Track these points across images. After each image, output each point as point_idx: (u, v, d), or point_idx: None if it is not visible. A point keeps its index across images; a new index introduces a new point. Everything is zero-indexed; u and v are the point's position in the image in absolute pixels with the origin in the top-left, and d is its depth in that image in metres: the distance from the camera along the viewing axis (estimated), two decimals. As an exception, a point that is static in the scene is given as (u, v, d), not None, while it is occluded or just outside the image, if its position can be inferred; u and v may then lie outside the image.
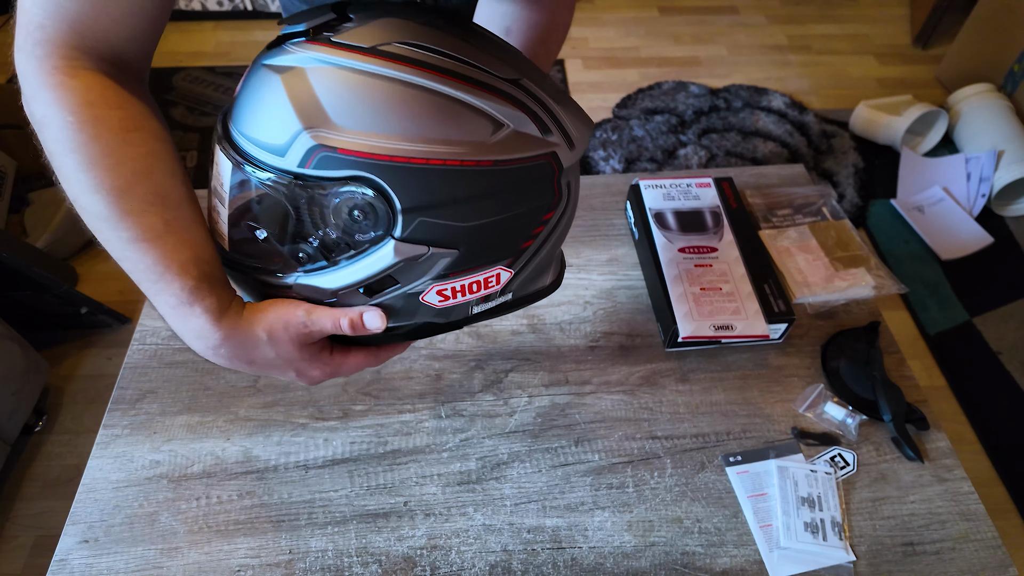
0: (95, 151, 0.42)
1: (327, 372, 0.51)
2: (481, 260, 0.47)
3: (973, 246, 1.87)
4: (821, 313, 0.85)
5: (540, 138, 0.45)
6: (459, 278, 0.47)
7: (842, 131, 2.19)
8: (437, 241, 0.44)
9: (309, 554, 0.65)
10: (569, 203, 0.50)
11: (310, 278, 0.46)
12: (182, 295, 0.44)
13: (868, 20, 2.68)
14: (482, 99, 0.42)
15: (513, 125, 0.44)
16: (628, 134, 2.16)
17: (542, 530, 0.67)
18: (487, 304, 0.51)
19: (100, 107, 0.43)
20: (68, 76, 0.42)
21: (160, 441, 0.72)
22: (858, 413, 0.75)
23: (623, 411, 0.76)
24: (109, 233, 0.44)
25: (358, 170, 0.41)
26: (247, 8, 2.54)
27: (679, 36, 2.59)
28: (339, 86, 0.41)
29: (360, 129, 0.41)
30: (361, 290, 0.46)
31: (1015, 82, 2.12)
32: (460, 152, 0.42)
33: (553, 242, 0.51)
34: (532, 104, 0.44)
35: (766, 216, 0.94)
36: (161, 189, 0.44)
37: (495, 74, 0.44)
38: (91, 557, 0.64)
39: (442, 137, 0.41)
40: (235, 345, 0.47)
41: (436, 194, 0.42)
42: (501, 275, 0.49)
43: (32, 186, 1.88)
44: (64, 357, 1.59)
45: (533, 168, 0.45)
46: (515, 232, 0.48)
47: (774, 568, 0.65)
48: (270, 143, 0.42)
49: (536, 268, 0.52)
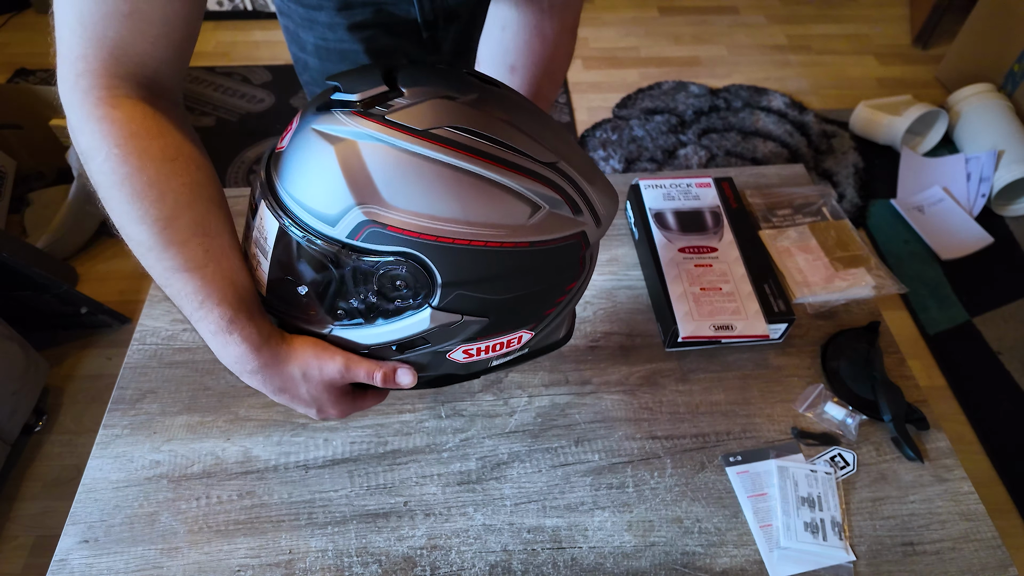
0: (140, 183, 0.44)
1: (344, 412, 0.55)
2: (508, 326, 0.51)
3: (973, 246, 1.87)
4: (821, 313, 0.85)
5: (571, 218, 0.47)
6: (486, 340, 0.51)
7: (842, 131, 2.19)
8: (470, 311, 0.47)
9: (309, 554, 0.65)
10: (590, 271, 0.53)
11: (346, 331, 0.49)
12: (221, 323, 0.47)
13: (868, 20, 2.68)
14: (522, 183, 0.45)
15: (548, 207, 0.46)
16: (628, 134, 2.16)
17: (542, 530, 0.67)
18: (506, 358, 0.55)
19: (143, 138, 0.45)
20: (111, 107, 0.44)
21: (160, 441, 0.72)
22: (858, 413, 0.75)
23: (623, 411, 0.76)
24: (154, 262, 0.46)
25: (405, 247, 0.43)
26: (247, 8, 2.54)
27: (679, 36, 2.59)
28: (391, 165, 0.42)
29: (409, 208, 0.43)
30: (394, 347, 0.50)
31: (1015, 82, 2.12)
32: (500, 234, 0.44)
33: (571, 307, 0.55)
34: (566, 186, 0.47)
35: (766, 216, 0.94)
36: (202, 219, 0.47)
37: (534, 158, 0.46)
38: (91, 557, 0.64)
39: (484, 220, 0.44)
40: (271, 376, 0.49)
41: (475, 272, 0.45)
42: (523, 336, 0.53)
43: (32, 186, 1.89)
44: (64, 357, 1.59)
45: (564, 247, 0.48)
46: (541, 302, 0.51)
47: (774, 568, 0.65)
48: (321, 212, 0.44)
49: (553, 326, 0.55)
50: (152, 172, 0.44)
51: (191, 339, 0.81)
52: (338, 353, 0.50)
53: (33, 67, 2.34)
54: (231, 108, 2.26)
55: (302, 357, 0.49)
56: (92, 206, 1.73)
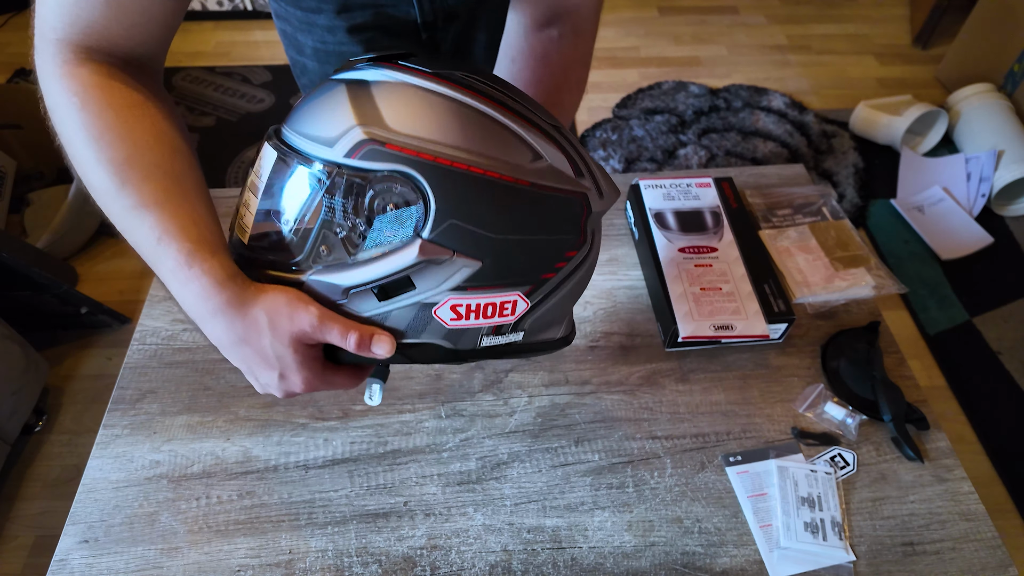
0: (99, 127, 0.44)
1: (310, 383, 0.49)
2: (502, 279, 0.47)
3: (973, 246, 1.87)
4: (821, 313, 0.85)
5: (573, 178, 0.47)
6: (477, 294, 0.47)
7: (842, 131, 2.19)
8: (463, 248, 0.45)
9: (309, 554, 0.65)
10: (591, 252, 0.52)
11: (326, 274, 0.46)
12: (180, 257, 0.44)
13: (868, 20, 2.68)
14: (526, 131, 0.45)
15: (550, 160, 0.46)
16: (628, 134, 2.16)
17: (542, 530, 0.67)
18: (497, 338, 0.51)
19: (104, 88, 0.45)
20: (75, 65, 0.45)
21: (160, 441, 0.72)
22: (858, 413, 0.75)
23: (623, 411, 0.76)
24: (112, 204, 0.45)
25: (402, 165, 0.42)
26: (247, 8, 2.54)
27: (679, 36, 2.59)
28: (398, 95, 0.43)
29: (411, 132, 0.42)
30: (375, 291, 0.46)
31: (1015, 82, 2.12)
32: (501, 167, 0.44)
33: (570, 288, 0.52)
34: (568, 147, 0.47)
35: (766, 216, 0.94)
36: (163, 162, 0.46)
37: (540, 116, 0.47)
38: (91, 557, 0.64)
39: (486, 152, 0.43)
40: (232, 319, 0.45)
41: (472, 200, 0.44)
42: (518, 304, 0.49)
43: (32, 186, 1.89)
44: (64, 357, 1.59)
45: (564, 201, 0.47)
46: (538, 259, 0.48)
47: (774, 568, 0.65)
48: (321, 136, 0.44)
49: (549, 312, 0.52)
50: (111, 116, 0.44)
51: (191, 339, 0.81)
52: (312, 304, 0.45)
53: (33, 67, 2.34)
54: (231, 108, 2.26)
55: (272, 301, 0.45)
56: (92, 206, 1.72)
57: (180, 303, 0.46)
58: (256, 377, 0.50)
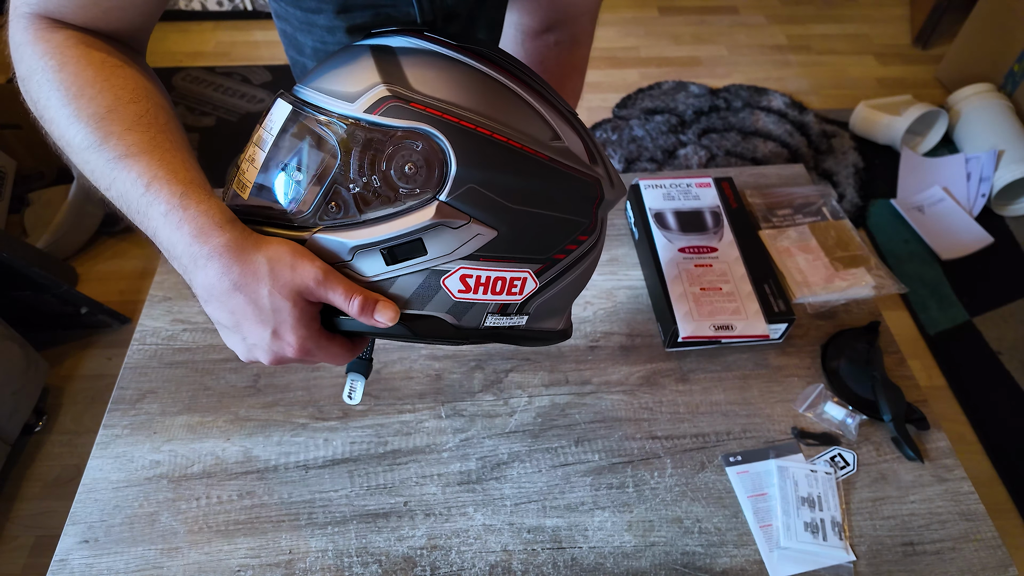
0: (77, 84, 0.42)
1: (304, 345, 0.44)
2: (515, 252, 0.46)
3: (973, 246, 1.87)
4: (821, 313, 0.85)
5: (588, 164, 0.48)
6: (488, 266, 0.45)
7: (842, 131, 2.19)
8: (480, 215, 0.44)
9: (309, 554, 0.65)
10: (599, 242, 0.52)
11: (333, 232, 0.43)
12: (173, 199, 0.41)
13: (868, 20, 2.68)
14: (546, 110, 0.46)
15: (567, 142, 0.47)
16: (628, 134, 2.16)
17: (542, 530, 0.67)
18: (501, 319, 0.49)
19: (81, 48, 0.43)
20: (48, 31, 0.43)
21: (160, 441, 0.72)
22: (858, 413, 0.75)
23: (623, 411, 0.76)
24: (95, 159, 0.42)
25: (425, 124, 0.42)
26: (247, 8, 2.54)
27: (679, 36, 2.59)
28: (423, 60, 0.44)
29: (434, 94, 0.43)
30: (384, 252, 0.44)
31: (1015, 82, 2.12)
32: (523, 138, 0.44)
33: (576, 276, 0.52)
34: (584, 135, 0.48)
35: (766, 216, 0.94)
36: (146, 113, 0.43)
37: (558, 99, 0.48)
38: (91, 557, 0.64)
39: (508, 122, 0.44)
40: (230, 261, 0.41)
41: (492, 166, 0.43)
42: (527, 282, 0.48)
43: (32, 186, 1.89)
44: (64, 357, 1.59)
45: (580, 182, 0.48)
46: (552, 237, 0.48)
47: (774, 568, 0.65)
48: (342, 91, 0.43)
49: (554, 298, 0.51)
50: (89, 74, 0.42)
51: (191, 339, 0.81)
52: (316, 260, 0.43)
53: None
54: (231, 108, 2.26)
55: (276, 250, 0.42)
56: (92, 206, 1.74)
57: (169, 251, 0.43)
58: (244, 335, 0.45)
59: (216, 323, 0.46)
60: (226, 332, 0.46)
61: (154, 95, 0.45)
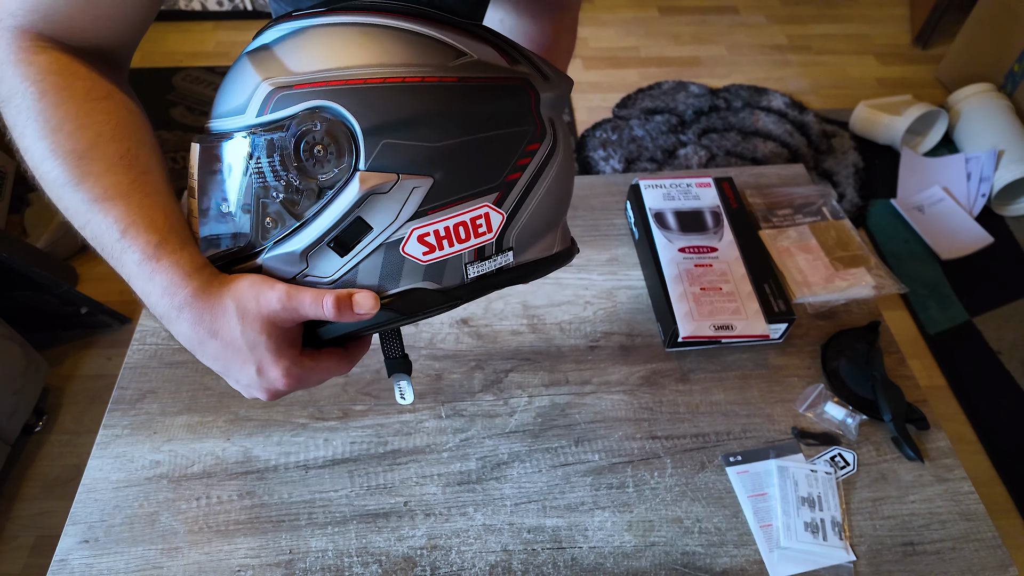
0: (56, 117, 0.41)
1: (291, 374, 0.44)
2: (461, 191, 0.43)
3: (973, 246, 1.87)
4: (821, 313, 0.85)
5: (508, 67, 0.45)
6: (440, 216, 0.42)
7: (842, 131, 2.19)
8: (407, 167, 0.41)
9: (309, 554, 0.65)
10: (558, 145, 0.48)
11: (282, 246, 0.42)
12: (148, 249, 0.41)
13: (868, 20, 2.68)
14: (444, 32, 0.43)
15: (477, 55, 0.44)
16: (628, 134, 2.16)
17: (542, 530, 0.67)
18: (484, 264, 0.46)
19: (65, 76, 0.42)
20: (33, 53, 0.42)
21: (160, 441, 0.72)
22: (858, 413, 0.75)
23: (623, 411, 0.76)
24: (70, 198, 0.41)
25: (314, 100, 0.40)
26: (247, 8, 2.54)
27: (679, 36, 2.59)
28: (296, 42, 0.42)
29: (315, 68, 0.41)
30: (332, 245, 0.42)
31: (1015, 82, 2.12)
32: (420, 70, 0.41)
33: (547, 188, 0.47)
34: (497, 39, 0.45)
35: (766, 216, 0.94)
36: (127, 153, 0.43)
37: (459, 20, 0.45)
38: (91, 557, 0.64)
39: (399, 60, 0.41)
40: (201, 312, 0.42)
41: (397, 112, 0.40)
42: (491, 216, 0.44)
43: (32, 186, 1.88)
44: (64, 357, 1.59)
45: (503, 88, 0.44)
46: (496, 158, 0.44)
47: (774, 568, 0.65)
48: (232, 107, 0.42)
49: (533, 221, 0.47)
50: (71, 108, 0.41)
51: (191, 339, 0.81)
52: (278, 282, 0.42)
53: None
54: (231, 108, 2.26)
55: (236, 287, 0.42)
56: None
57: (145, 301, 0.43)
58: (236, 378, 0.46)
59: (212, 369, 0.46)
60: (223, 376, 0.47)
61: (136, 131, 0.44)
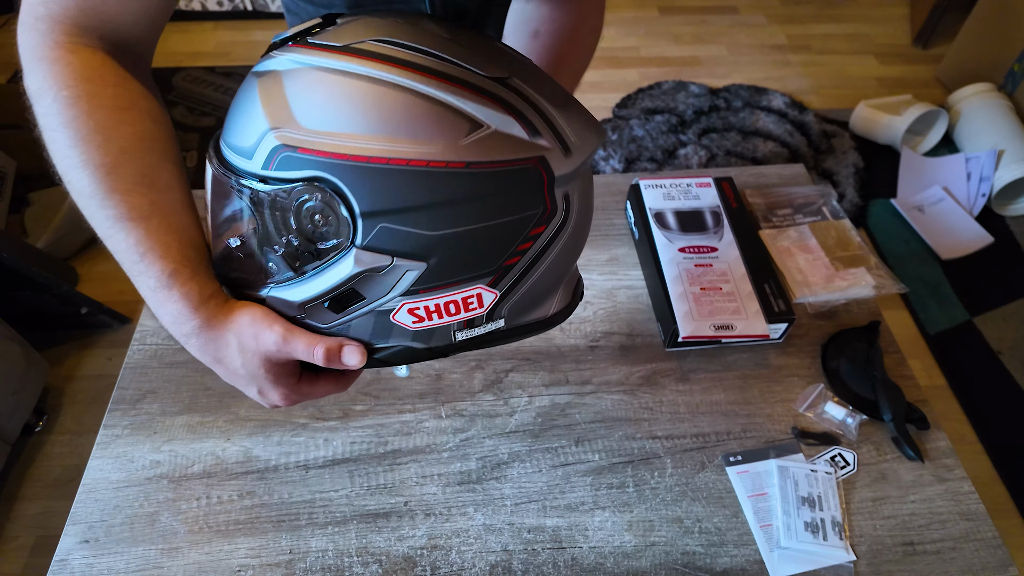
0: (86, 127, 0.42)
1: (290, 398, 0.48)
2: (455, 276, 0.43)
3: (973, 246, 1.87)
4: (821, 313, 0.85)
5: (527, 141, 0.41)
6: (431, 295, 0.43)
7: (842, 131, 2.19)
8: (402, 251, 0.41)
9: (309, 554, 0.65)
10: (570, 218, 0.45)
11: (280, 290, 0.44)
12: (161, 278, 0.43)
13: (868, 20, 2.68)
14: (458, 96, 0.40)
15: (494, 126, 0.40)
16: (628, 134, 2.16)
17: (542, 530, 0.67)
18: (473, 331, 0.46)
19: (96, 83, 0.43)
20: (67, 51, 0.43)
21: (160, 441, 0.72)
22: (858, 413, 0.75)
23: (623, 411, 0.76)
24: (95, 210, 0.43)
25: (317, 170, 0.39)
26: (247, 8, 2.54)
27: (679, 36, 2.59)
28: (306, 85, 0.40)
29: (323, 128, 0.39)
30: (327, 304, 0.43)
31: (1015, 82, 2.12)
32: (428, 152, 0.39)
33: (551, 262, 0.46)
34: (519, 104, 0.41)
35: (766, 216, 0.94)
36: (150, 170, 0.44)
37: (478, 72, 0.41)
38: (91, 557, 0.64)
39: (409, 136, 0.39)
40: (206, 341, 0.45)
41: (398, 198, 0.39)
42: (483, 296, 0.44)
43: (32, 186, 1.88)
44: (64, 357, 1.59)
45: (515, 173, 0.41)
46: (496, 246, 0.43)
47: (774, 568, 0.65)
48: (241, 146, 0.42)
49: (533, 291, 0.46)
50: (100, 118, 0.43)
51: (191, 339, 0.81)
52: (277, 322, 0.44)
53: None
54: (231, 108, 2.26)
55: (238, 323, 0.44)
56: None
57: (159, 318, 0.46)
58: (245, 392, 0.50)
59: None
60: None
61: (159, 143, 0.46)
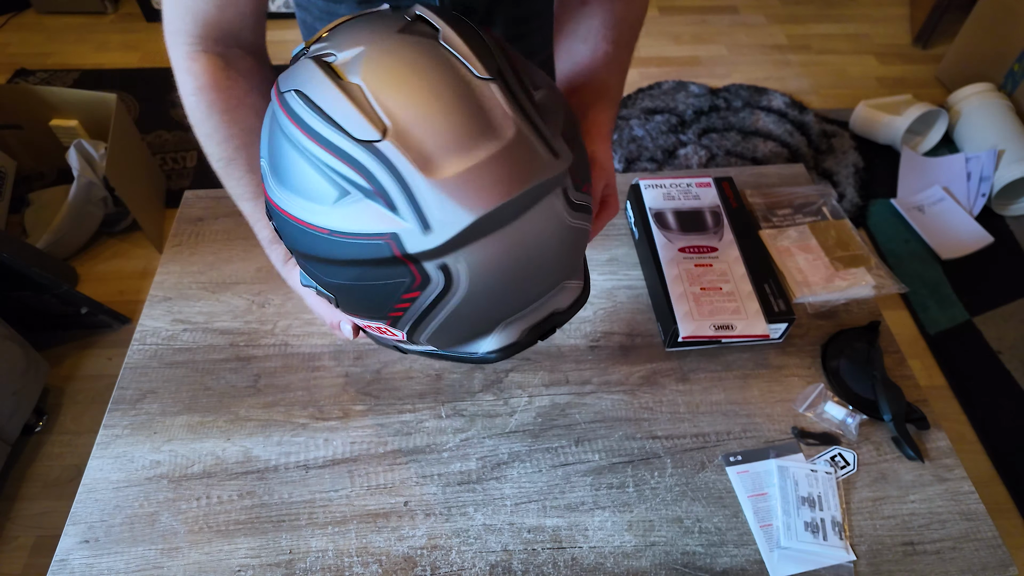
0: (209, 127, 0.59)
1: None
2: (353, 312, 0.48)
3: (973, 246, 1.87)
4: (821, 313, 0.85)
5: (386, 214, 0.39)
6: (355, 319, 0.51)
7: (842, 131, 2.19)
8: (317, 284, 0.48)
9: (309, 554, 0.65)
10: (454, 287, 0.41)
11: None
12: (263, 242, 0.64)
13: (868, 20, 2.68)
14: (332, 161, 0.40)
15: (361, 195, 0.39)
16: (628, 134, 2.16)
17: (542, 530, 0.67)
18: (415, 346, 0.50)
19: (211, 91, 0.57)
20: (192, 61, 0.57)
21: (160, 441, 0.72)
22: (858, 413, 0.75)
23: (623, 411, 0.76)
24: (225, 187, 0.62)
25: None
26: (247, 8, 2.53)
27: (679, 36, 2.59)
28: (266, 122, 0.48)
29: None
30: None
31: (1015, 82, 2.12)
32: (303, 211, 0.42)
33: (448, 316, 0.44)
34: (381, 174, 0.39)
35: (766, 216, 0.94)
36: (253, 160, 0.60)
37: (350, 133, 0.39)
38: (91, 557, 0.64)
39: (295, 191, 0.43)
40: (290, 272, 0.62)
41: (292, 244, 0.46)
42: (390, 329, 0.47)
43: (32, 186, 1.89)
44: (64, 357, 1.59)
45: (369, 246, 0.40)
46: (372, 302, 0.44)
47: (774, 568, 0.65)
48: None
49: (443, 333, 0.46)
50: (216, 120, 0.58)
51: (191, 339, 0.81)
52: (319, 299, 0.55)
53: (33, 67, 2.34)
54: (231, 108, 2.26)
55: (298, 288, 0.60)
56: (92, 206, 1.73)
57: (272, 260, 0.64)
58: None
59: None
60: None
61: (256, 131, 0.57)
